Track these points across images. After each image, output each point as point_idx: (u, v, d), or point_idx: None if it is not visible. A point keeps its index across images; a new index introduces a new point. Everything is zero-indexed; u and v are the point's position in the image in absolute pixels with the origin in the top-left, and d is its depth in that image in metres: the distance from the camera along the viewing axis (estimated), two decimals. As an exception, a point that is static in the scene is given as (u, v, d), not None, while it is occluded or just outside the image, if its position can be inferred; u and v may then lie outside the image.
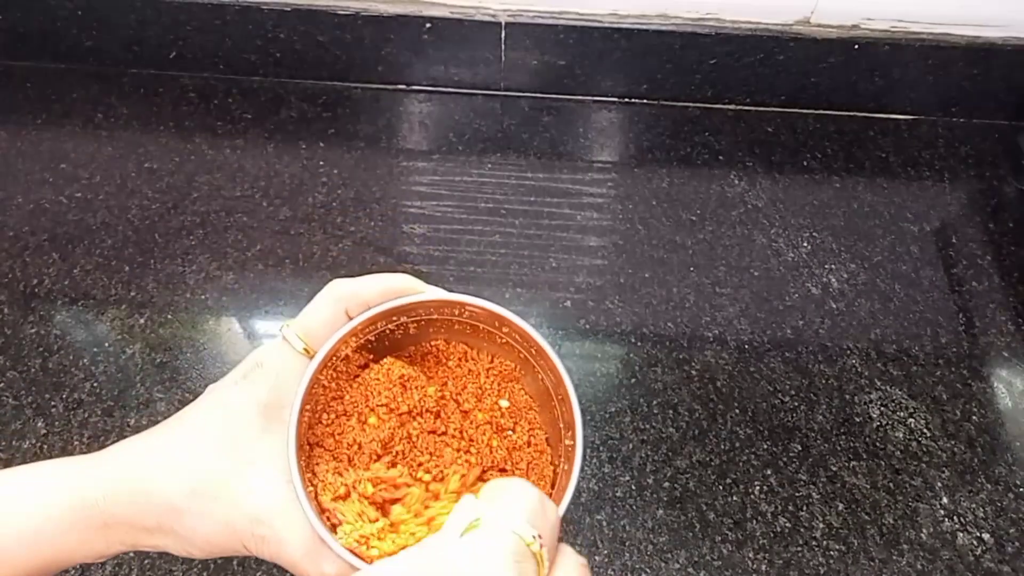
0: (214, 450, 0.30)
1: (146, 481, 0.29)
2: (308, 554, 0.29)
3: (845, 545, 0.50)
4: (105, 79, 0.72)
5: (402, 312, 0.35)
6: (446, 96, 0.73)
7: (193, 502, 0.29)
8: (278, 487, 0.29)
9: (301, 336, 0.32)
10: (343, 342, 0.33)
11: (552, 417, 0.35)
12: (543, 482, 0.35)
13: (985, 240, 0.65)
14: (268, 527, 0.29)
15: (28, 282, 0.59)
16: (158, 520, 0.29)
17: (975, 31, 0.67)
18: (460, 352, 0.38)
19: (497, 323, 0.35)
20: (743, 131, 0.72)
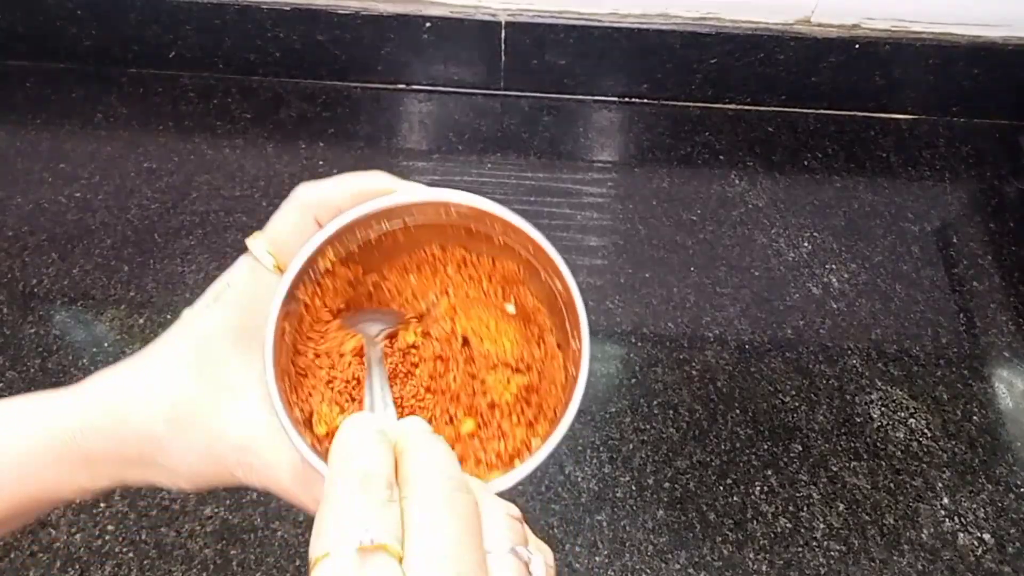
0: (189, 377, 0.29)
1: (122, 411, 0.29)
2: (297, 479, 0.28)
3: (846, 545, 0.50)
4: (104, 79, 0.72)
5: (381, 216, 0.32)
6: (446, 96, 0.72)
7: (173, 431, 0.28)
8: (261, 413, 0.28)
9: (269, 250, 0.30)
10: (317, 253, 0.30)
11: (561, 320, 0.33)
12: (555, 387, 0.33)
13: (986, 240, 0.65)
14: (254, 454, 0.28)
15: (27, 282, 0.59)
16: (139, 451, 0.28)
17: (976, 30, 0.67)
18: (458, 258, 0.35)
19: (489, 221, 0.32)
20: (743, 131, 0.71)
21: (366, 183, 0.31)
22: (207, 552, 0.48)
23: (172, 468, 0.29)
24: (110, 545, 0.48)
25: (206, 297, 0.31)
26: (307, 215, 0.30)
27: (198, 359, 0.29)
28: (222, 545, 0.48)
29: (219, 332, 0.29)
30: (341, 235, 0.31)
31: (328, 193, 0.30)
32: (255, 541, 0.49)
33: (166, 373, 0.29)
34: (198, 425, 0.28)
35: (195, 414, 0.28)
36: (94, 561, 0.47)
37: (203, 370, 0.29)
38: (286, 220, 0.30)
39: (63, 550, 0.48)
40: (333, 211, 0.30)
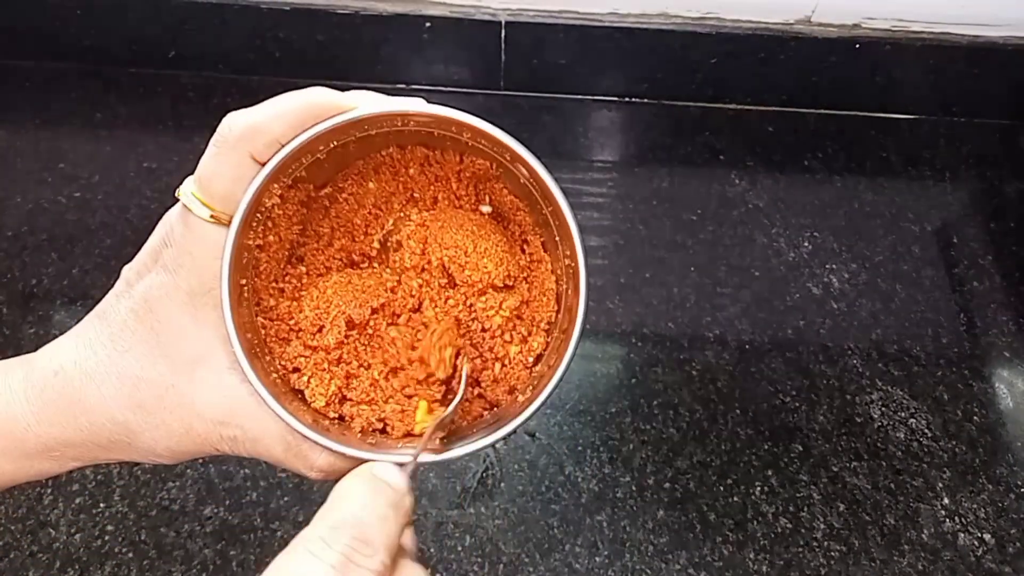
0: (145, 354, 0.25)
1: (79, 397, 0.25)
2: (291, 450, 0.26)
3: (846, 546, 0.50)
4: (104, 78, 0.72)
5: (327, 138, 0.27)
6: (446, 95, 0.72)
7: (141, 416, 0.25)
8: (234, 381, 0.25)
9: (203, 200, 0.25)
10: (260, 193, 0.26)
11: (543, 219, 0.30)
12: (546, 297, 0.31)
13: (986, 240, 0.65)
14: (236, 427, 0.26)
15: (27, 282, 0.59)
16: (109, 438, 0.26)
17: (976, 30, 0.66)
18: (420, 157, 0.31)
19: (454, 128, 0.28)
20: (744, 131, 0.71)
21: (304, 103, 0.26)
22: (207, 552, 0.48)
23: (148, 449, 0.26)
24: (110, 545, 0.48)
25: (143, 255, 0.27)
26: (242, 154, 0.25)
27: (148, 331, 0.26)
28: (222, 545, 0.48)
29: (165, 299, 0.26)
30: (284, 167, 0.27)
31: (262, 123, 0.25)
32: (255, 541, 0.49)
33: (121, 353, 0.26)
34: (167, 405, 0.25)
35: (162, 396, 0.25)
36: (94, 561, 0.47)
37: (160, 345, 0.25)
38: (217, 162, 0.26)
39: (63, 550, 0.48)
40: (271, 145, 0.26)
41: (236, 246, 0.26)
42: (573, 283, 0.29)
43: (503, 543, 0.49)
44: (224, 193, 0.26)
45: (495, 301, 0.30)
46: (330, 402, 0.28)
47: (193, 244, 0.26)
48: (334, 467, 0.26)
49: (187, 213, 0.26)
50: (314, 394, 0.28)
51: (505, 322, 0.31)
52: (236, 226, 0.26)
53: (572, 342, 0.28)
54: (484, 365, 0.30)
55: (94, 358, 0.26)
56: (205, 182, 0.26)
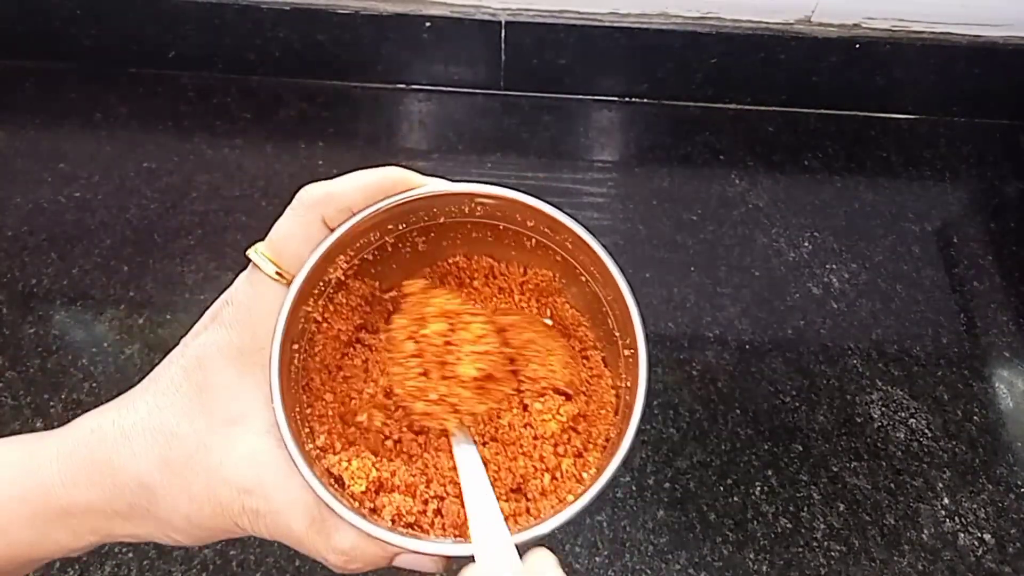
0: (184, 410, 0.25)
1: (108, 456, 0.24)
2: (315, 526, 0.24)
3: (846, 546, 0.50)
4: (104, 78, 0.72)
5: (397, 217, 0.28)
6: (446, 95, 0.72)
7: (166, 476, 0.24)
8: (268, 448, 0.24)
9: (271, 258, 0.26)
10: (326, 260, 0.27)
11: (606, 330, 0.29)
12: (605, 410, 0.30)
13: (986, 240, 0.65)
14: (260, 498, 0.24)
15: (27, 282, 0.59)
16: (129, 502, 0.24)
17: (976, 30, 0.66)
18: (485, 267, 0.31)
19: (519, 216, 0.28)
20: (744, 131, 0.71)
21: (379, 178, 0.27)
22: (206, 552, 0.48)
23: (166, 519, 0.25)
24: (109, 545, 0.48)
25: (203, 318, 0.27)
26: (314, 216, 0.26)
27: (193, 388, 0.25)
28: (221, 545, 0.48)
29: (216, 355, 0.25)
30: (353, 238, 0.27)
31: (337, 190, 0.26)
32: (255, 541, 0.48)
33: (159, 408, 0.25)
34: (195, 466, 0.24)
35: (192, 454, 0.24)
36: (94, 561, 0.47)
37: (201, 401, 0.25)
38: (290, 223, 0.26)
39: (62, 550, 0.48)
40: (344, 211, 0.26)
41: (294, 307, 0.26)
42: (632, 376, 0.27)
43: (503, 543, 0.49)
44: (293, 252, 0.26)
45: (553, 404, 0.29)
46: (368, 489, 0.27)
47: (254, 301, 0.26)
48: (356, 550, 0.24)
49: (253, 272, 0.26)
50: (354, 477, 0.26)
51: (560, 431, 0.29)
52: (298, 284, 0.26)
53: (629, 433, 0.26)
54: (533, 474, 0.28)
55: (133, 416, 0.25)
56: (276, 241, 0.26)
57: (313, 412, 0.28)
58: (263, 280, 0.26)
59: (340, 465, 0.27)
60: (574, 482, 0.29)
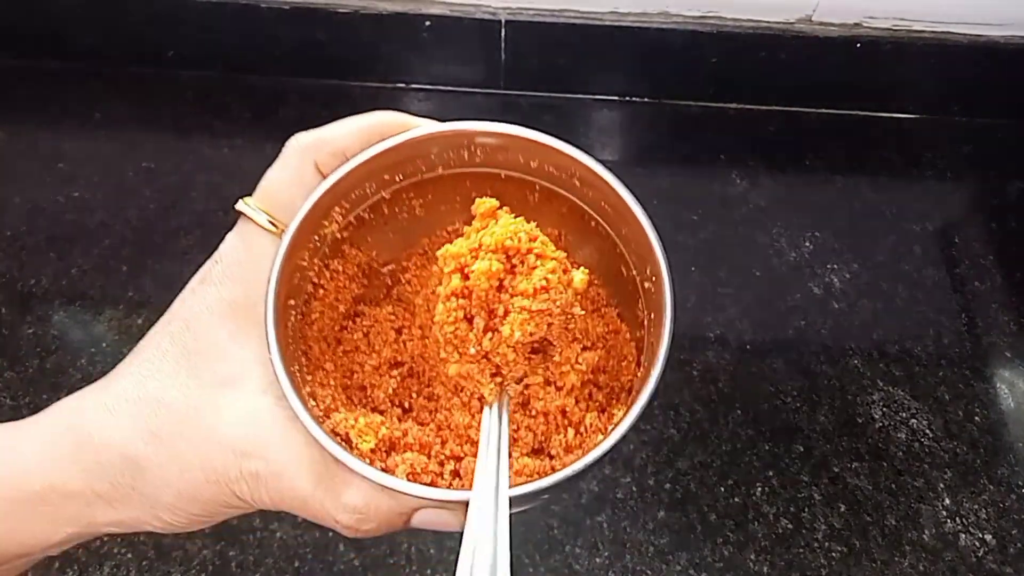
0: (172, 376, 0.23)
1: (89, 432, 0.22)
2: (322, 483, 0.22)
3: (847, 546, 0.50)
4: (103, 78, 0.71)
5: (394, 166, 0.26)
6: (445, 95, 0.72)
7: (154, 446, 0.22)
8: (265, 407, 0.22)
9: (263, 208, 0.25)
10: (321, 210, 0.25)
11: (621, 281, 0.28)
12: (626, 362, 0.28)
13: (988, 240, 0.65)
14: (259, 459, 0.22)
15: (26, 282, 0.59)
16: (112, 481, 0.22)
17: (977, 29, 0.66)
18: None
19: (521, 158, 0.27)
20: (745, 130, 0.71)
21: (373, 121, 0.26)
22: (205, 553, 0.48)
23: (154, 496, 0.22)
24: (108, 546, 0.48)
25: (191, 283, 0.25)
26: (305, 161, 0.25)
27: (181, 352, 0.23)
28: (221, 546, 0.48)
29: (205, 314, 0.23)
30: (348, 188, 0.25)
31: (328, 134, 0.26)
32: (254, 542, 0.48)
33: (146, 376, 0.23)
34: (185, 432, 0.22)
35: (181, 420, 0.22)
36: (92, 562, 0.47)
37: (191, 364, 0.23)
38: (281, 170, 0.25)
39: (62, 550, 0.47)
40: (337, 156, 0.25)
41: (288, 258, 0.24)
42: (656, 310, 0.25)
43: (503, 544, 0.48)
44: (285, 200, 0.25)
45: (571, 354, 0.27)
46: (378, 448, 0.25)
47: (245, 254, 0.24)
48: (369, 506, 0.22)
49: (243, 224, 0.25)
50: (362, 434, 0.24)
51: (581, 384, 0.27)
52: (292, 231, 0.24)
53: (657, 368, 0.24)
54: (556, 431, 0.27)
55: (116, 388, 0.23)
56: (267, 189, 0.25)
57: (314, 379, 0.26)
58: (254, 231, 0.25)
59: (347, 423, 0.25)
60: (600, 436, 0.27)
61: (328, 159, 0.25)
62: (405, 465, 0.24)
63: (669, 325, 0.24)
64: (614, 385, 0.29)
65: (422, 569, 0.48)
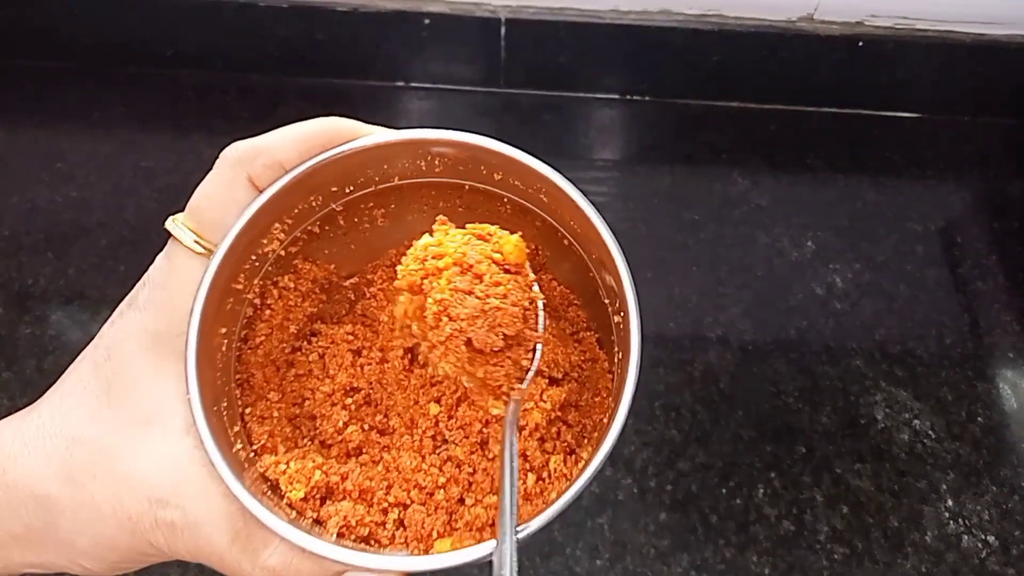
0: (90, 411, 0.21)
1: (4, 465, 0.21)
2: (238, 540, 0.20)
3: (849, 548, 0.49)
4: (102, 77, 0.71)
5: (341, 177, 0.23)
6: (445, 93, 0.72)
7: (68, 488, 0.20)
8: (185, 451, 0.21)
9: (190, 226, 0.22)
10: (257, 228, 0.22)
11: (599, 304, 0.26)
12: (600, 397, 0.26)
13: (990, 239, 0.64)
14: (176, 509, 0.20)
15: (23, 282, 0.59)
16: (26, 523, 0.21)
17: (980, 29, 0.66)
18: None
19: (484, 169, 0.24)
20: (746, 129, 0.71)
21: (316, 128, 0.23)
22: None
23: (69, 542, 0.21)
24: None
25: (120, 306, 0.23)
26: (237, 174, 0.22)
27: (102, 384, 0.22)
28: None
29: (128, 343, 0.22)
30: (290, 203, 0.23)
31: (265, 143, 0.22)
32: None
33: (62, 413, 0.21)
34: (100, 475, 0.20)
35: (97, 461, 0.21)
36: (91, 564, 0.47)
37: (109, 397, 0.21)
38: (210, 184, 0.22)
39: (59, 553, 0.47)
40: (273, 168, 0.22)
41: (218, 283, 0.22)
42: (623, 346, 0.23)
43: (503, 546, 0.48)
44: (214, 218, 0.22)
45: (535, 389, 0.25)
46: (310, 496, 0.23)
47: (170, 277, 0.22)
48: (288, 570, 0.20)
49: (172, 245, 0.23)
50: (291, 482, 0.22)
51: (546, 423, 0.25)
52: (220, 254, 0.22)
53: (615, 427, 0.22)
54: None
55: (36, 421, 0.22)
56: (195, 206, 0.22)
57: (253, 412, 0.24)
58: (182, 253, 0.22)
59: (276, 468, 0.23)
60: (564, 483, 0.24)
61: (263, 172, 0.22)
62: (338, 517, 0.22)
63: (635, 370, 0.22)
64: (586, 423, 0.26)
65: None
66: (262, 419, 0.24)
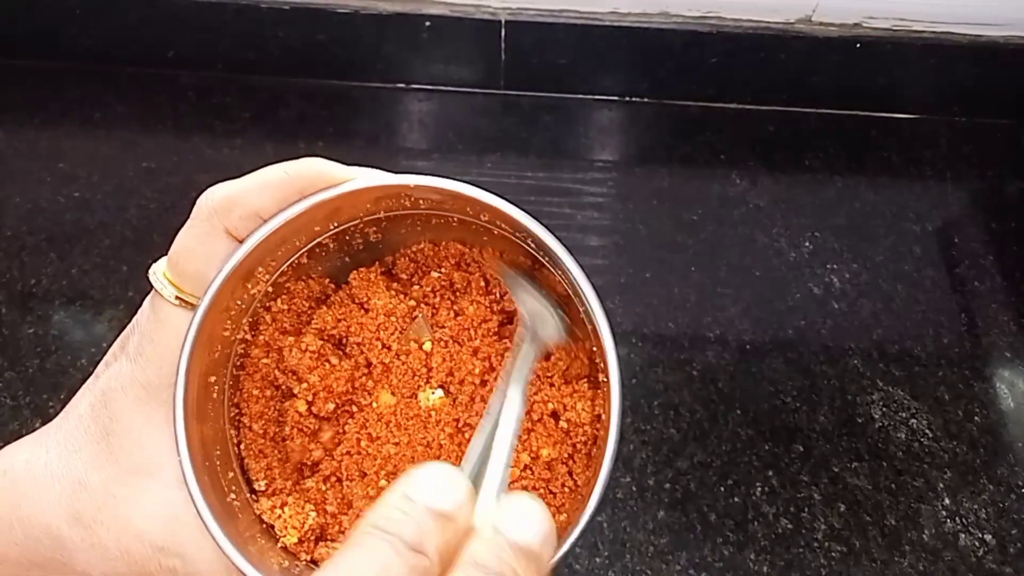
0: (92, 456, 0.22)
1: (18, 503, 0.22)
2: None
3: (847, 546, 0.50)
4: (103, 77, 0.71)
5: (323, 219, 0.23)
6: (446, 95, 0.72)
7: (77, 530, 0.22)
8: (181, 501, 0.22)
9: (171, 279, 0.23)
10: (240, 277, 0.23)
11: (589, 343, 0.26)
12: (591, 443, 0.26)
13: (987, 240, 0.65)
14: (176, 557, 0.22)
15: (26, 282, 0.59)
16: (45, 555, 0.22)
17: (977, 30, 0.66)
18: (455, 254, 0.27)
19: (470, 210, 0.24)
20: (744, 130, 0.71)
21: (290, 175, 0.22)
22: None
23: (84, 574, 0.22)
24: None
25: (115, 345, 0.24)
26: (214, 227, 0.23)
27: (100, 431, 0.22)
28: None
29: (121, 393, 0.22)
30: (271, 247, 0.23)
31: (239, 193, 0.22)
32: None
33: (68, 453, 0.22)
34: (105, 520, 0.22)
35: (101, 508, 0.22)
36: (93, 562, 0.47)
37: (107, 445, 0.22)
38: (188, 237, 0.23)
39: (62, 551, 0.47)
40: (251, 218, 0.22)
41: (203, 335, 0.22)
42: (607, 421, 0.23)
43: (503, 544, 0.48)
44: (194, 272, 0.22)
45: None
46: (304, 539, 0.23)
47: (156, 330, 0.23)
48: None
49: (156, 295, 0.23)
50: (286, 527, 0.23)
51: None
52: (203, 310, 0.22)
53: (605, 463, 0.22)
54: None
55: (44, 458, 0.23)
56: (175, 260, 0.23)
57: (248, 448, 0.24)
58: (166, 305, 0.23)
59: (273, 513, 0.23)
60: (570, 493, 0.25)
61: (240, 223, 0.22)
62: None
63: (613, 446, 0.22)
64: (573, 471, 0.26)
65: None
66: (258, 455, 0.24)
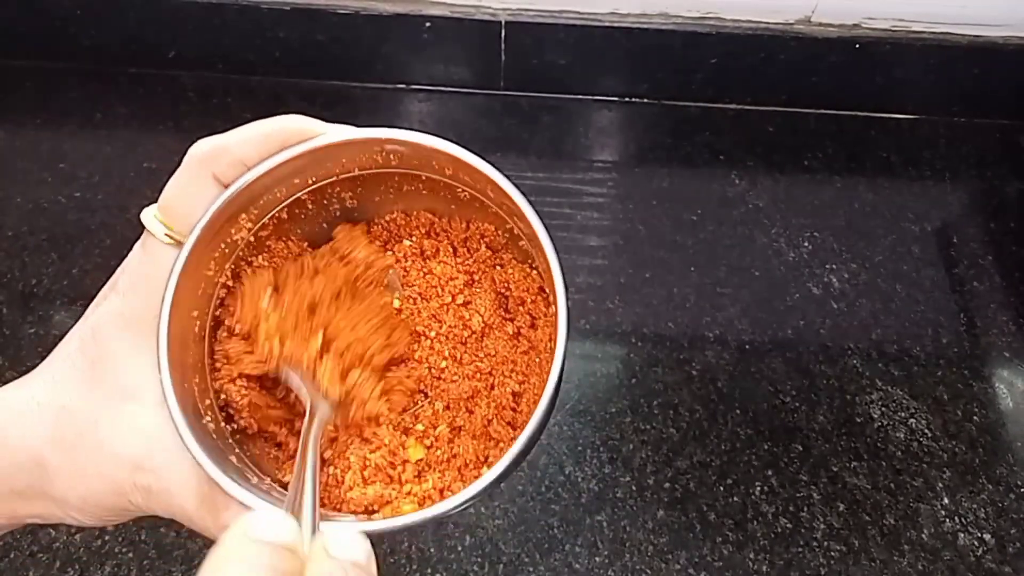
0: (78, 384, 0.24)
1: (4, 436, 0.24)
2: (205, 504, 0.23)
3: (846, 546, 0.50)
4: (104, 78, 0.72)
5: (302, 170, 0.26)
6: (446, 95, 0.72)
7: (58, 453, 0.23)
8: (159, 422, 0.23)
9: (162, 219, 0.25)
10: (224, 219, 0.25)
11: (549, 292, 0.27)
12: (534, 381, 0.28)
13: (986, 240, 0.65)
14: (151, 474, 0.23)
15: (27, 282, 0.59)
16: (28, 481, 0.24)
17: (976, 30, 0.66)
18: (425, 223, 0.29)
19: (435, 164, 0.26)
20: (744, 131, 0.71)
21: (274, 128, 0.25)
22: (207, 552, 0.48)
23: (62, 498, 0.24)
24: (110, 545, 0.48)
25: (103, 289, 0.26)
26: (203, 172, 0.25)
27: (87, 361, 0.24)
28: (222, 545, 0.48)
29: (110, 325, 0.24)
30: (254, 195, 0.25)
31: (226, 143, 0.25)
32: (255, 541, 0.48)
33: (52, 383, 0.24)
34: (85, 442, 0.23)
35: (81, 430, 0.23)
36: (93, 561, 0.47)
37: (93, 373, 0.24)
38: (179, 181, 0.25)
39: (63, 550, 0.48)
40: (236, 166, 0.25)
41: (189, 268, 0.24)
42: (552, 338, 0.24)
43: (503, 543, 0.49)
44: (184, 213, 0.25)
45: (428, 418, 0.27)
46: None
47: (147, 266, 0.25)
48: None
49: (147, 236, 0.25)
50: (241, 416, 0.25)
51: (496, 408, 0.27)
52: (189, 246, 0.24)
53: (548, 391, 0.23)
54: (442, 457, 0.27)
55: (27, 392, 0.24)
56: (166, 202, 0.25)
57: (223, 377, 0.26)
58: (155, 244, 0.25)
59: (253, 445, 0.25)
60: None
61: (227, 169, 0.25)
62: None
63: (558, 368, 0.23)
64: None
65: (422, 568, 0.48)
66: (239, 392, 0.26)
